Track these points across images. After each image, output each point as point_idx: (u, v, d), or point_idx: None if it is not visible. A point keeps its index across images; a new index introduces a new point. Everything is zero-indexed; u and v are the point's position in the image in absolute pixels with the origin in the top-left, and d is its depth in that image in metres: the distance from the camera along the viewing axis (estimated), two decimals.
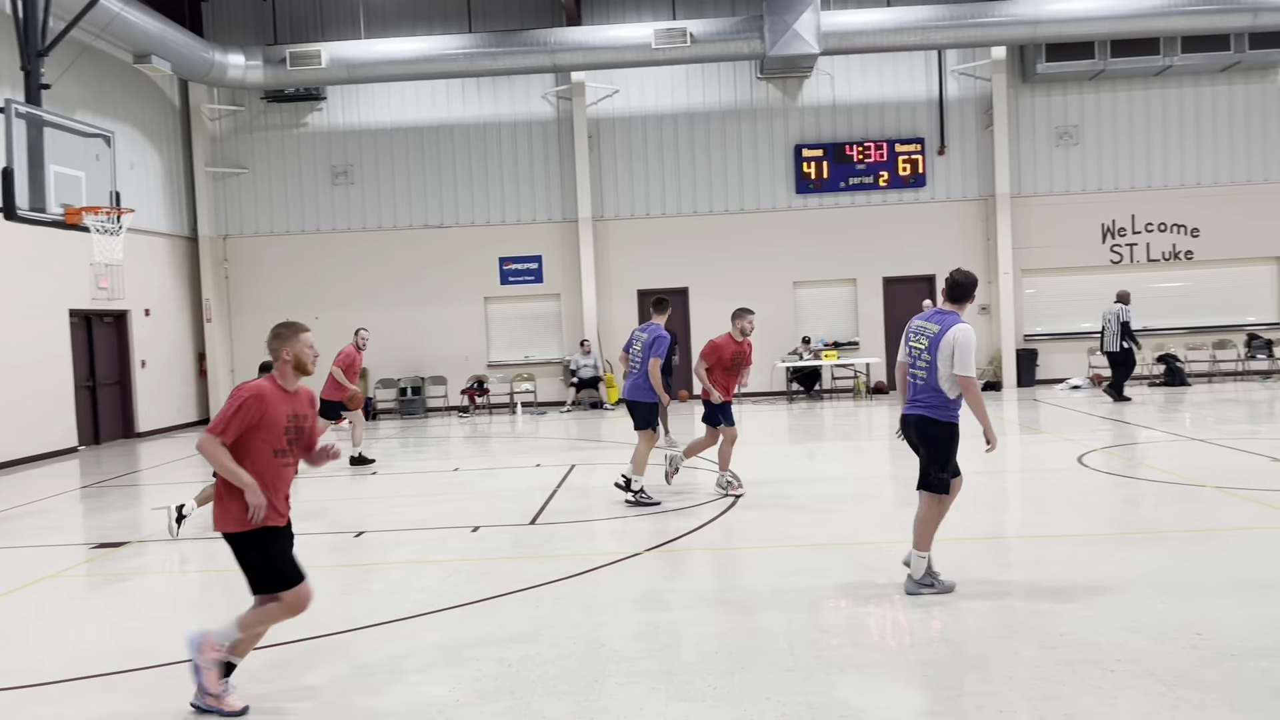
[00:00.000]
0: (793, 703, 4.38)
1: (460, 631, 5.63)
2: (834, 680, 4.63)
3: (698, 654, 5.06)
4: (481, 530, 8.42)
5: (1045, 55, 18.77)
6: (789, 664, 4.86)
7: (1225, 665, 4.59)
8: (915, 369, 5.99)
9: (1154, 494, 8.93)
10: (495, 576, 6.83)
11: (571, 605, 6.07)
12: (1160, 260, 19.64)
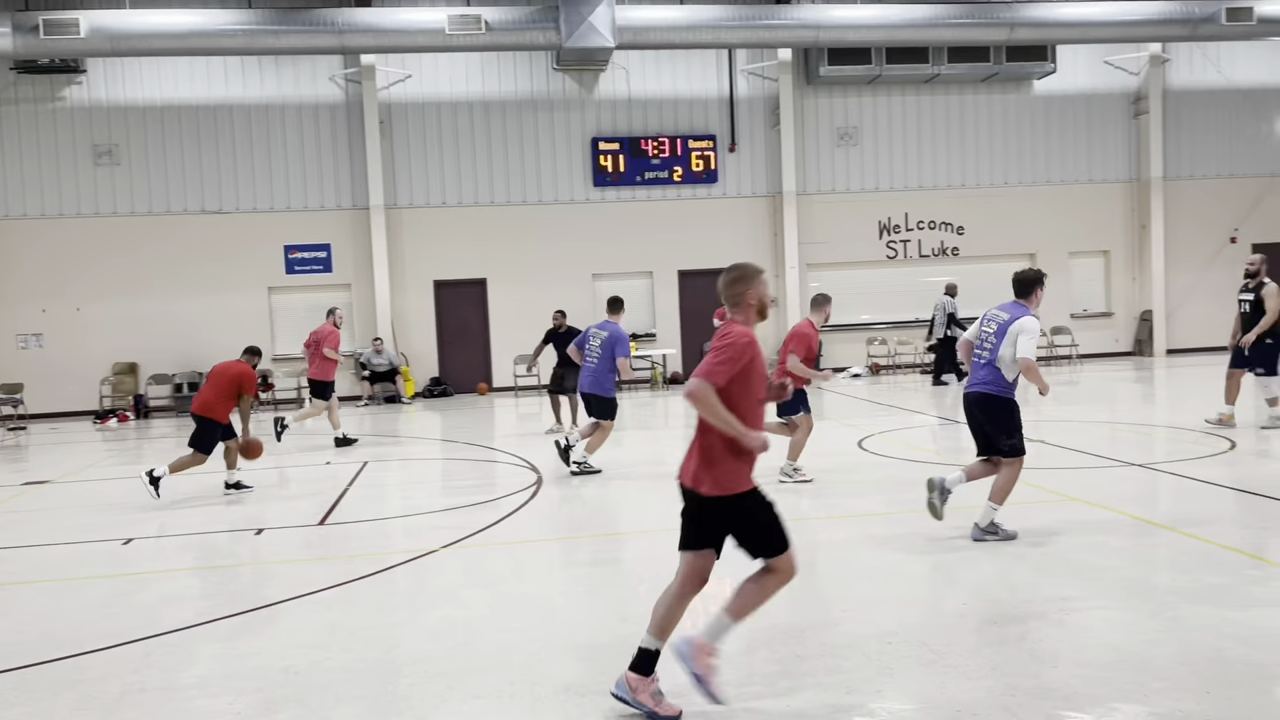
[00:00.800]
0: (591, 694, 4.38)
1: (242, 640, 5.32)
2: None
3: (496, 650, 4.99)
4: (266, 533, 8.01)
5: (827, 59, 19.70)
6: (588, 655, 4.86)
7: (989, 631, 4.94)
8: (980, 350, 6.82)
9: (925, 474, 9.52)
10: (281, 581, 6.50)
11: (364, 607, 5.85)
12: (930, 256, 21.02)
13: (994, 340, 6.73)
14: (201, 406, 9.52)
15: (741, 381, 4.06)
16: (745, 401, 4.10)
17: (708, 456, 4.13)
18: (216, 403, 9.46)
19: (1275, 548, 6.44)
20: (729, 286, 4.28)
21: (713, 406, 3.99)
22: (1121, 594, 5.45)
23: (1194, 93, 21.29)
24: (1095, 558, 6.25)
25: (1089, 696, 4.12)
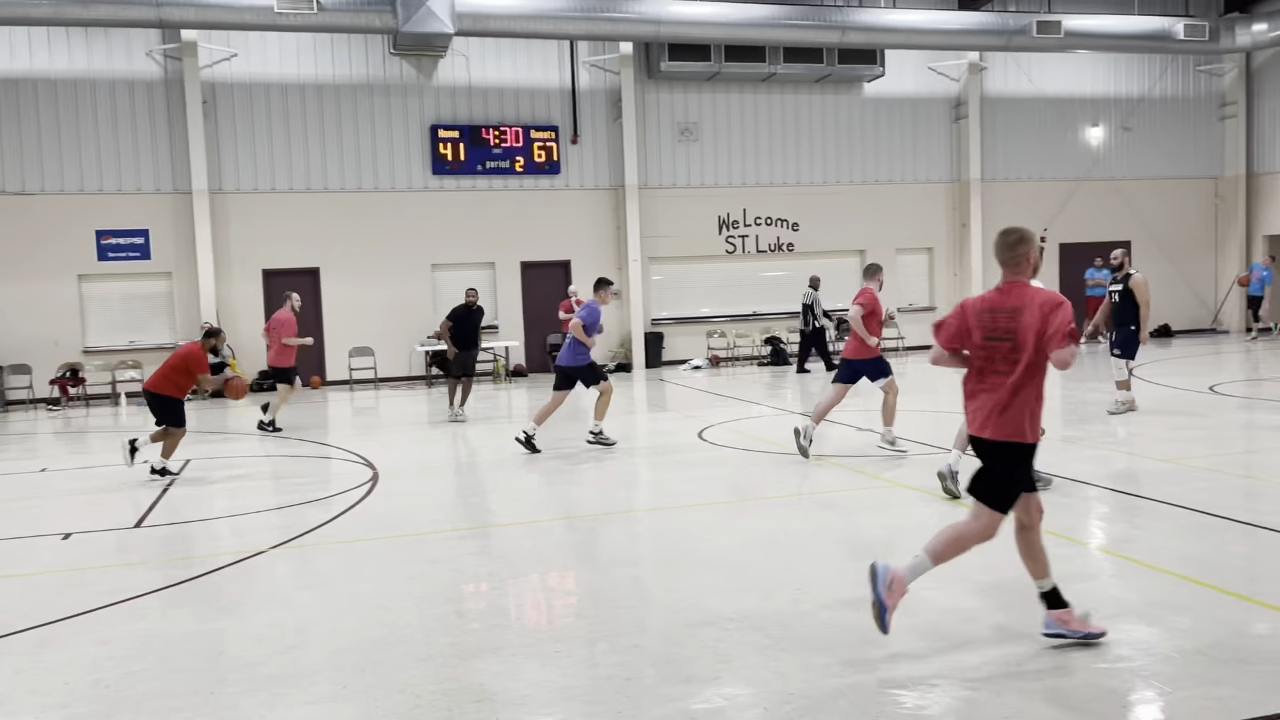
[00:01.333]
0: (427, 693, 4.28)
1: (48, 653, 4.94)
2: (470, 666, 4.58)
3: (327, 653, 4.81)
4: (75, 537, 7.48)
5: (668, 54, 19.91)
6: (423, 654, 4.74)
7: (820, 615, 5.09)
8: None
9: (763, 463, 9.77)
10: (91, 588, 6.07)
11: (184, 613, 5.54)
12: (768, 251, 21.58)
13: None
14: (151, 384, 9.96)
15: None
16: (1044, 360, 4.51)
17: (1029, 408, 4.54)
18: (163, 381, 9.86)
19: (1077, 527, 6.89)
20: (1013, 248, 4.58)
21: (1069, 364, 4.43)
22: (944, 576, 5.70)
23: (1009, 100, 22.59)
24: (922, 541, 6.53)
25: (914, 675, 4.29)
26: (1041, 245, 23.09)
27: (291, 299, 13.49)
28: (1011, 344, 4.49)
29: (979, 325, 4.60)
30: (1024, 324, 4.43)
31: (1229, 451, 9.29)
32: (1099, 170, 23.14)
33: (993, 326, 4.54)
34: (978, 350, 4.62)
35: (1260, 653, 4.39)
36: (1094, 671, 4.28)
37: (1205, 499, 7.39)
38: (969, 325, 4.64)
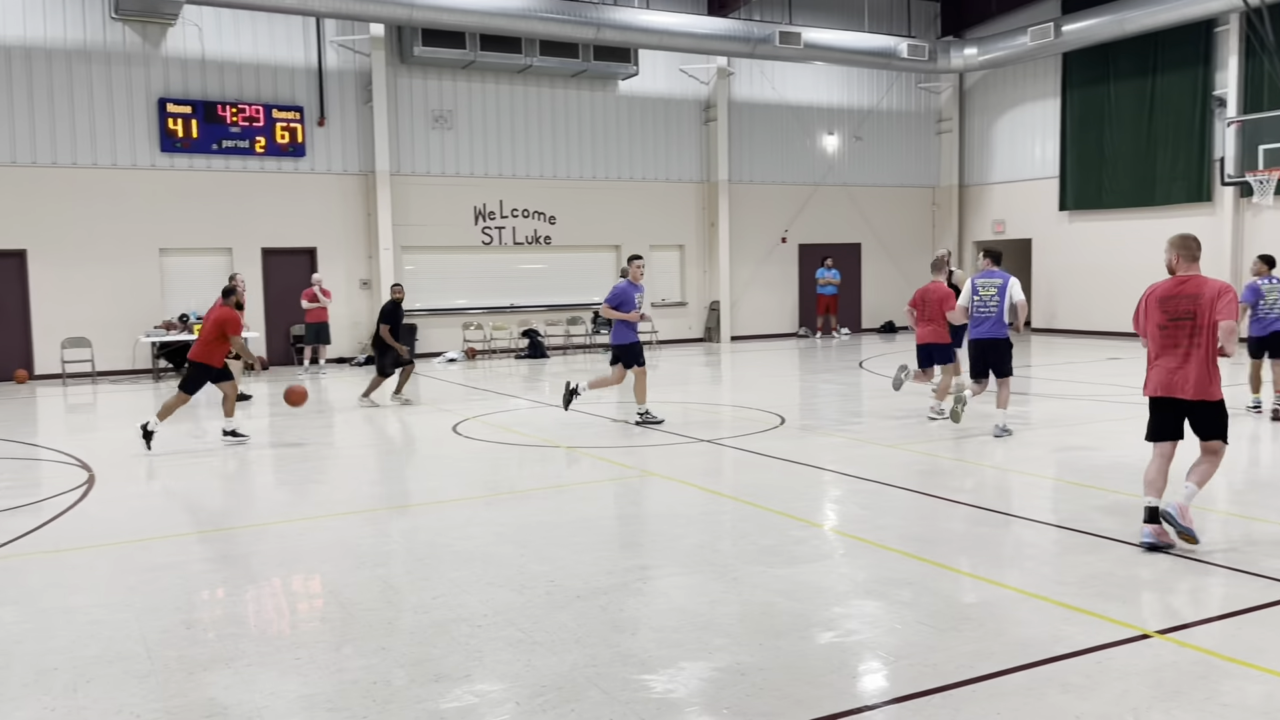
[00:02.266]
0: (148, 711, 3.93)
1: None
2: (199, 679, 4.25)
3: (33, 674, 4.32)
4: None
5: (422, 39, 19.41)
6: (145, 670, 4.35)
7: (574, 606, 5.11)
8: (986, 308, 9.88)
9: (517, 456, 9.73)
10: None
11: None
12: (525, 244, 21.52)
13: (998, 299, 9.81)
14: (194, 354, 10.24)
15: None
16: None
17: (1214, 373, 5.94)
18: (204, 349, 10.15)
19: (813, 510, 7.31)
20: (1197, 248, 6.15)
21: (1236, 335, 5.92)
22: (692, 560, 5.89)
23: (754, 105, 23.68)
24: (671, 528, 6.71)
25: (662, 659, 4.38)
26: (783, 241, 24.31)
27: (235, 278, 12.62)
28: (1193, 322, 5.95)
29: (1160, 308, 6.09)
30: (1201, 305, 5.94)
31: (942, 435, 10.14)
32: (833, 176, 24.70)
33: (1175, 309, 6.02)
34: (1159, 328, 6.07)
35: (971, 620, 4.80)
36: (828, 646, 4.53)
37: (923, 480, 8.03)
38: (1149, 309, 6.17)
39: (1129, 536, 6.16)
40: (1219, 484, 7.88)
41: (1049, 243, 23.75)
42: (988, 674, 4.14)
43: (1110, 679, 4.06)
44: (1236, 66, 19.75)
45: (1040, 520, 6.77)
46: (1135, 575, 5.43)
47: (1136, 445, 9.59)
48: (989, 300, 9.85)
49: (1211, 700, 3.84)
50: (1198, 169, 20.46)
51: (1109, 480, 7.91)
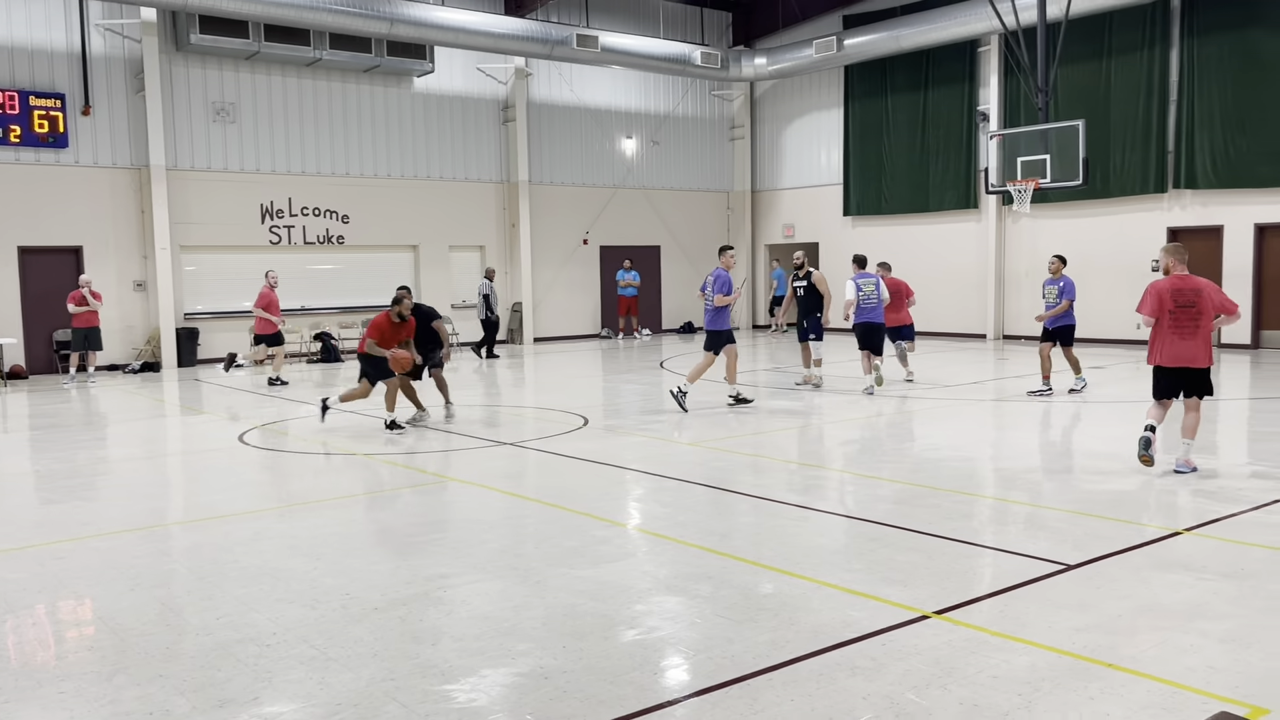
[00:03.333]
0: None
1: None
2: None
3: None
4: None
5: (199, 27, 18.31)
6: None
7: (370, 619, 4.93)
8: (870, 301, 12.86)
9: (311, 465, 9.33)
10: None
11: None
12: (316, 243, 20.68)
13: (876, 292, 13.12)
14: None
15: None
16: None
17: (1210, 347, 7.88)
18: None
19: (616, 510, 7.37)
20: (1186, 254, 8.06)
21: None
22: (495, 566, 5.81)
23: (554, 107, 23.70)
24: (472, 533, 6.60)
25: (464, 668, 4.29)
26: (584, 242, 24.50)
27: (270, 275, 16.47)
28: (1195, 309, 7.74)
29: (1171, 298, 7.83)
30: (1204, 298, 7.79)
31: (739, 433, 10.47)
32: (633, 179, 25.07)
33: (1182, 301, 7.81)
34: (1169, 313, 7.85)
35: (767, 610, 4.95)
36: (631, 644, 4.56)
37: (722, 476, 8.25)
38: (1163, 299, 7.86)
39: (911, 524, 6.53)
40: (981, 470, 8.49)
41: (835, 246, 24.97)
42: (783, 662, 4.28)
43: (893, 660, 4.28)
44: (997, 84, 21.41)
45: (830, 511, 7.08)
46: (915, 561, 5.76)
47: (918, 436, 10.20)
48: (870, 295, 12.67)
49: (983, 673, 4.11)
50: (965, 178, 22.04)
51: (892, 471, 8.37)
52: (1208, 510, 6.74)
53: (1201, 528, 6.32)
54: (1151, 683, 3.99)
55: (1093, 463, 8.68)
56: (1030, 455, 9.11)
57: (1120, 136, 19.32)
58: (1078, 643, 4.42)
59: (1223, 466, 8.30)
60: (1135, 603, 4.95)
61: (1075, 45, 18.35)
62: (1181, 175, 18.68)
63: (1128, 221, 19.46)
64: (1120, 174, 19.42)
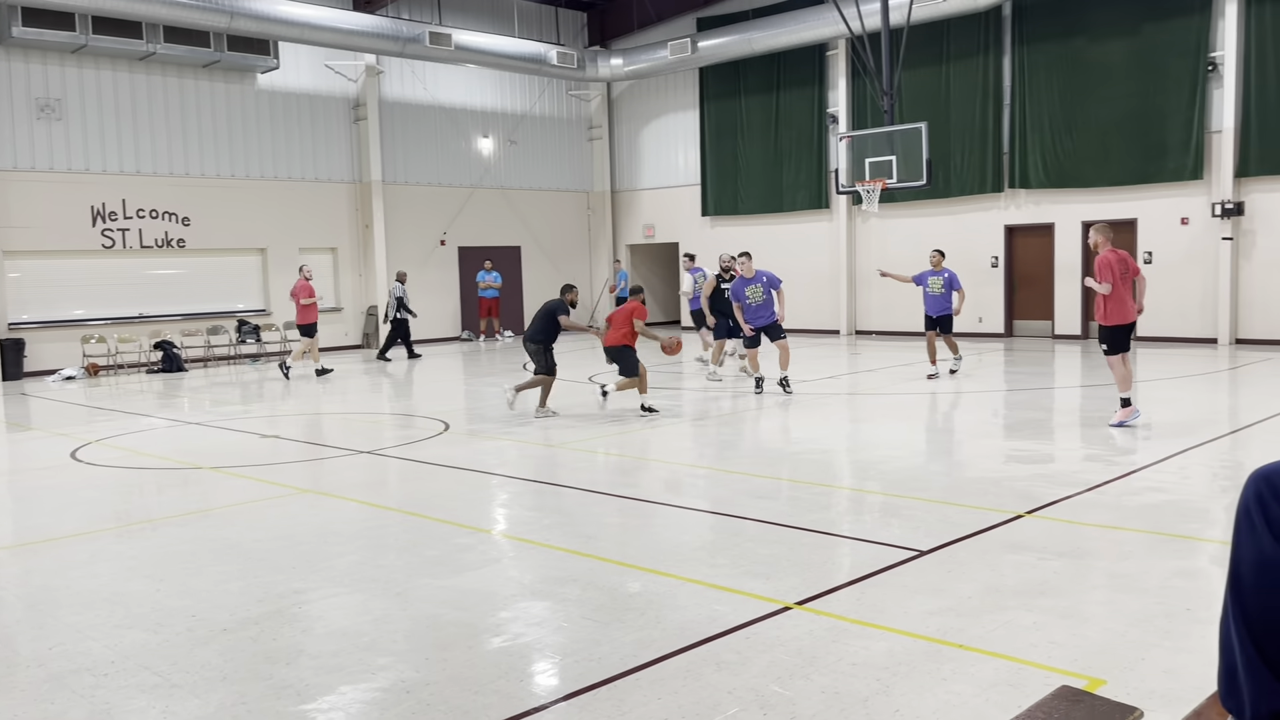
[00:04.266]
0: None
1: None
2: None
3: None
4: None
5: (22, 18, 17.14)
6: None
7: (219, 640, 4.69)
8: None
9: (153, 481, 8.85)
10: None
11: None
12: (154, 247, 19.65)
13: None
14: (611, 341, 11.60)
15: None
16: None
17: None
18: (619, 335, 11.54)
19: (480, 516, 7.25)
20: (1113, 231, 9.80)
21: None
22: (353, 579, 5.62)
23: (407, 105, 23.21)
24: (329, 546, 6.37)
25: (321, 686, 4.12)
26: (442, 244, 24.12)
27: (304, 269, 17.41)
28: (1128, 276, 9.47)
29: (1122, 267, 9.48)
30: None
31: (607, 433, 10.47)
32: (490, 179, 24.79)
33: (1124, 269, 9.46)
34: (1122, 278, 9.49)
35: (633, 610, 4.95)
36: (496, 652, 4.48)
37: (586, 477, 8.23)
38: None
39: (774, 517, 6.65)
40: (838, 462, 8.73)
41: (694, 246, 25.27)
42: (649, 661, 4.27)
43: (758, 652, 4.34)
44: (845, 87, 22.11)
45: (694, 508, 7.14)
46: (777, 553, 5.87)
47: (774, 431, 10.42)
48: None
49: (843, 661, 4.20)
50: (817, 179, 22.67)
51: (754, 465, 8.51)
52: (1047, 494, 7.10)
53: (1042, 510, 6.65)
54: (999, 660, 4.17)
55: (944, 450, 9.04)
56: (885, 446, 9.42)
57: (960, 139, 20.23)
58: (931, 626, 4.57)
59: (1058, 451, 8.77)
60: (983, 584, 5.16)
61: (917, 50, 19.12)
62: (1016, 176, 19.70)
63: (968, 219, 20.40)
64: (960, 174, 20.34)
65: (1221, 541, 5.76)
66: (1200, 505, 6.75)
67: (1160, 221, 18.20)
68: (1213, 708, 1.89)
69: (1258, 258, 17.31)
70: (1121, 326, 9.59)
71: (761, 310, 12.70)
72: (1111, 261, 9.46)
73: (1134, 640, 4.35)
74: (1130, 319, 9.60)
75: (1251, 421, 9.93)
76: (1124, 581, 5.14)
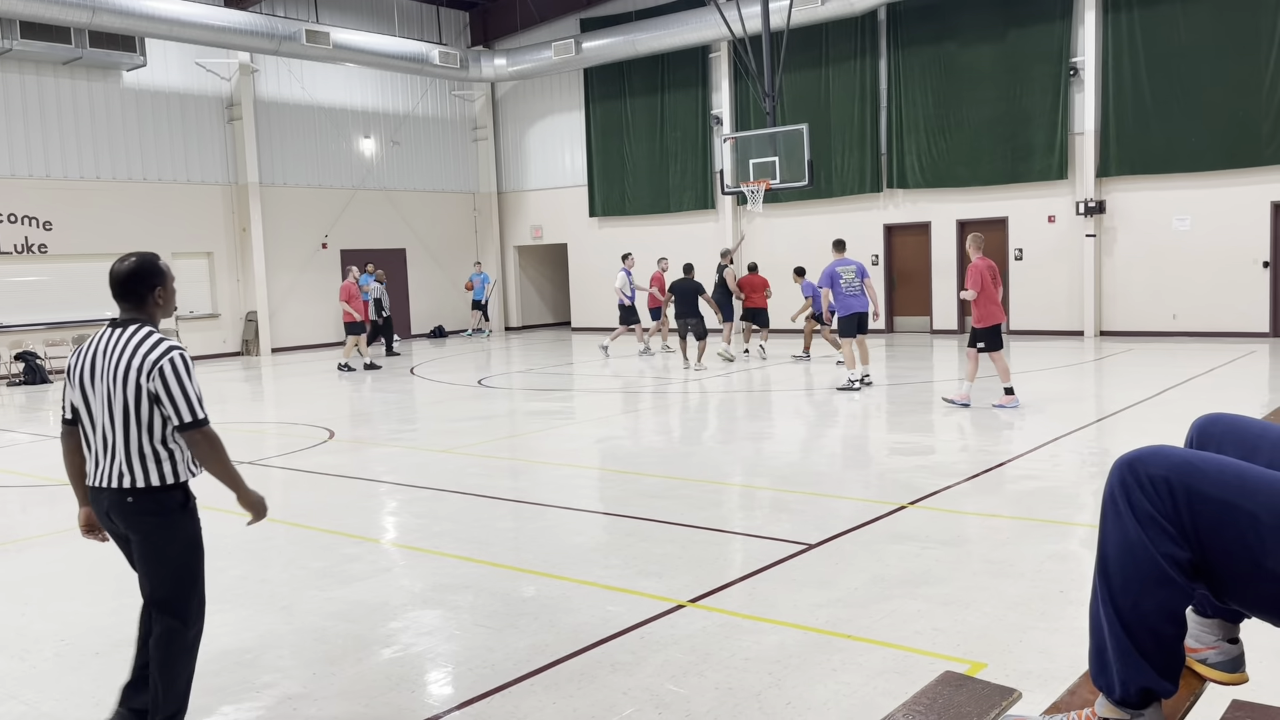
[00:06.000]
0: None
1: None
2: None
3: None
4: None
5: None
6: None
7: (91, 665, 4.47)
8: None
9: (17, 499, 8.38)
10: None
11: None
12: (13, 253, 18.63)
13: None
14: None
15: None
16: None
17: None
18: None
19: (368, 525, 7.09)
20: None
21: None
22: (235, 594, 5.43)
23: (283, 105, 22.55)
24: (210, 561, 6.11)
25: (201, 708, 3.96)
26: (324, 246, 23.59)
27: (353, 270, 18.65)
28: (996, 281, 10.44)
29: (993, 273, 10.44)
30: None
31: (495, 436, 10.37)
32: (373, 180, 24.29)
33: (992, 275, 10.41)
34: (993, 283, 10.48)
35: (527, 615, 4.91)
36: (387, 663, 4.38)
37: (478, 482, 8.13)
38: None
39: (666, 516, 6.69)
40: (727, 459, 8.85)
41: (582, 247, 25.31)
42: (544, 665, 4.25)
43: (652, 651, 4.35)
44: (729, 89, 22.42)
45: (588, 509, 7.13)
46: (670, 552, 5.90)
47: (666, 432, 10.49)
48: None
49: (736, 656, 4.25)
50: (703, 180, 22.92)
51: (645, 465, 8.55)
52: (928, 484, 7.33)
53: (924, 500, 6.86)
54: (886, 649, 4.28)
55: (829, 445, 9.25)
56: (773, 441, 9.58)
57: (840, 140, 20.73)
58: (820, 618, 4.67)
59: (938, 443, 9.07)
60: (869, 575, 5.29)
61: (797, 53, 19.52)
62: (894, 176, 20.29)
63: (849, 219, 20.91)
64: (841, 175, 20.84)
65: (1091, 526, 6.04)
66: (1070, 491, 7.07)
67: (1029, 219, 19.01)
68: (1086, 686, 1.97)
69: (1119, 254, 18.23)
70: (995, 326, 10.58)
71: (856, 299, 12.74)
72: (981, 269, 10.40)
73: (1012, 624, 4.52)
74: (1001, 319, 10.63)
75: (1117, 409, 10.46)
76: (1001, 567, 5.34)
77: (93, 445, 3.51)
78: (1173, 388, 11.61)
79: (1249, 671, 2.02)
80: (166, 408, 3.42)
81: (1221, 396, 10.91)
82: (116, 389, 3.43)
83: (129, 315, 3.57)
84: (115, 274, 3.58)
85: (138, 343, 3.47)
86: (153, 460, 3.46)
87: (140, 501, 3.46)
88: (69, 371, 3.60)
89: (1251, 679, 2.05)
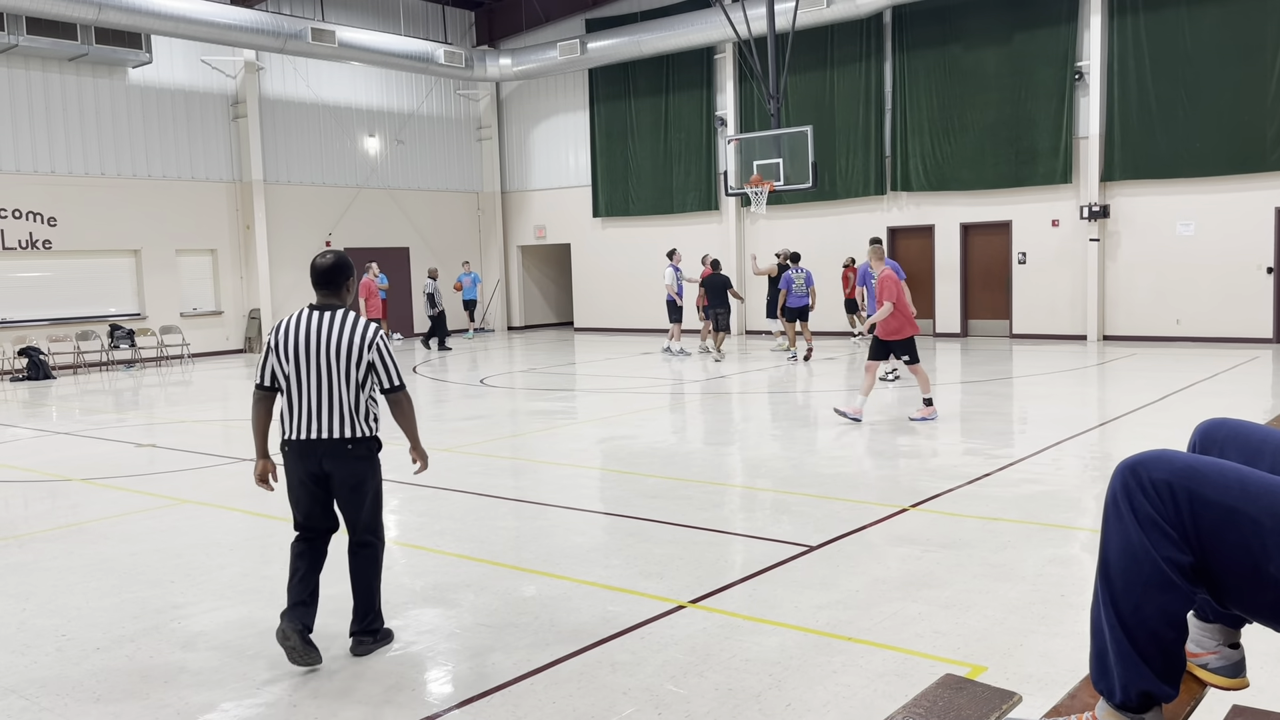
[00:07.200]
0: None
1: None
2: None
3: None
4: None
5: None
6: None
7: (92, 660, 4.47)
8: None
9: (18, 494, 8.39)
10: None
11: None
12: (17, 249, 18.66)
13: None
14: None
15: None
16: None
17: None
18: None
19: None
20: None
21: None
22: (236, 591, 5.42)
23: (288, 103, 22.57)
24: (210, 559, 6.14)
25: (201, 704, 3.96)
26: (327, 244, 23.66)
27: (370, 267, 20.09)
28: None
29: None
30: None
31: (497, 435, 10.37)
32: (377, 179, 24.31)
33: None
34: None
35: (528, 614, 4.91)
36: (388, 660, 4.39)
37: (479, 481, 8.13)
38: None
39: (667, 516, 6.69)
40: (729, 460, 8.84)
41: (586, 247, 25.31)
42: (544, 665, 4.25)
43: (652, 651, 4.35)
44: (733, 90, 22.42)
45: (589, 509, 7.13)
46: (671, 552, 5.90)
47: (668, 432, 10.49)
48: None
49: (736, 657, 4.25)
50: (707, 181, 22.92)
51: (647, 466, 8.55)
52: (930, 487, 7.32)
53: (925, 503, 6.86)
54: (887, 652, 4.27)
55: (830, 446, 9.25)
56: (774, 442, 9.57)
57: (844, 142, 20.72)
58: (821, 619, 4.67)
59: (941, 446, 9.06)
60: (870, 577, 5.29)
61: (802, 55, 19.52)
62: (898, 178, 20.28)
63: (853, 221, 20.90)
64: (845, 177, 20.83)
65: (1092, 530, 6.04)
66: (1072, 495, 7.06)
67: (1033, 223, 19.00)
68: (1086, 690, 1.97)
69: (1122, 258, 18.22)
70: (911, 339, 10.31)
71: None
72: (895, 278, 10.18)
73: (1013, 627, 4.52)
74: (917, 331, 10.44)
75: (1119, 414, 10.45)
76: (1002, 570, 5.33)
77: (304, 405, 4.33)
78: (1176, 393, 11.60)
79: (1250, 676, 2.02)
80: (380, 374, 4.37)
81: (1225, 402, 10.90)
82: (339, 359, 4.29)
83: (327, 301, 4.39)
84: (318, 267, 4.38)
85: (351, 323, 4.34)
86: (364, 415, 4.38)
87: (357, 447, 4.39)
88: (275, 348, 4.35)
89: (1252, 684, 2.05)
